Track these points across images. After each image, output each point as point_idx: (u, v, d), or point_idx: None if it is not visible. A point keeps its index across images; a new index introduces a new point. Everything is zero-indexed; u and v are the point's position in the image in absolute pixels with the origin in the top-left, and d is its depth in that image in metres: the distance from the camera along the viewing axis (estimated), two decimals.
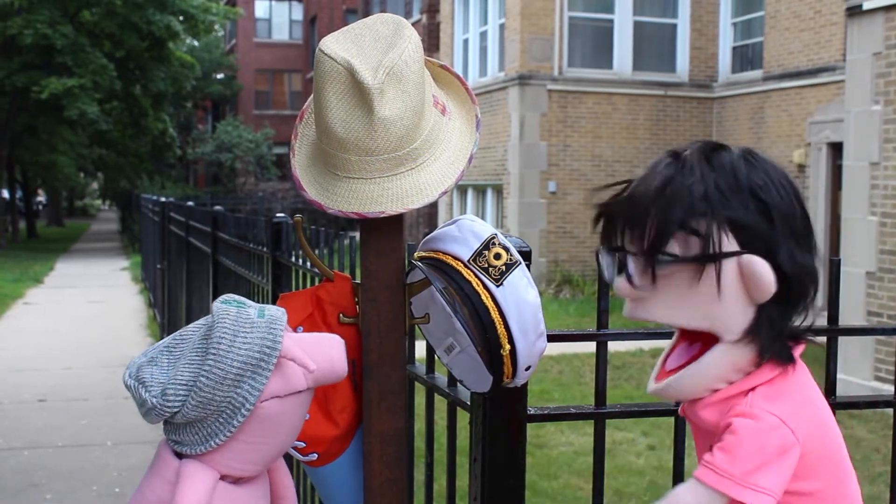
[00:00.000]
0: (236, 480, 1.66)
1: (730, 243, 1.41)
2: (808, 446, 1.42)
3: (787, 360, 1.46)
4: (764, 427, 1.39)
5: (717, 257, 1.40)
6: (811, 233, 1.48)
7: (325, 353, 1.64)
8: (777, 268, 1.41)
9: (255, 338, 1.55)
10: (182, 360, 1.57)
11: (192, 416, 1.55)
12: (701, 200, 1.41)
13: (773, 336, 1.45)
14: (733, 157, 1.46)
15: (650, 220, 1.43)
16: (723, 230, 1.41)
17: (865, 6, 8.59)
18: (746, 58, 16.99)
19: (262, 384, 1.54)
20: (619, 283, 1.48)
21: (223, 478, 1.63)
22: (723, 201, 1.41)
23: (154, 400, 1.54)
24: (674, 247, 1.42)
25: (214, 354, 1.53)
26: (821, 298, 1.57)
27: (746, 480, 1.36)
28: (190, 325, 1.65)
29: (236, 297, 1.66)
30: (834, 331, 2.14)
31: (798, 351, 1.50)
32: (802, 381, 1.49)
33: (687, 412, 1.54)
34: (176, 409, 1.55)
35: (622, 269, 1.50)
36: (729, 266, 1.41)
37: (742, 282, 1.42)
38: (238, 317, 1.58)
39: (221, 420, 1.56)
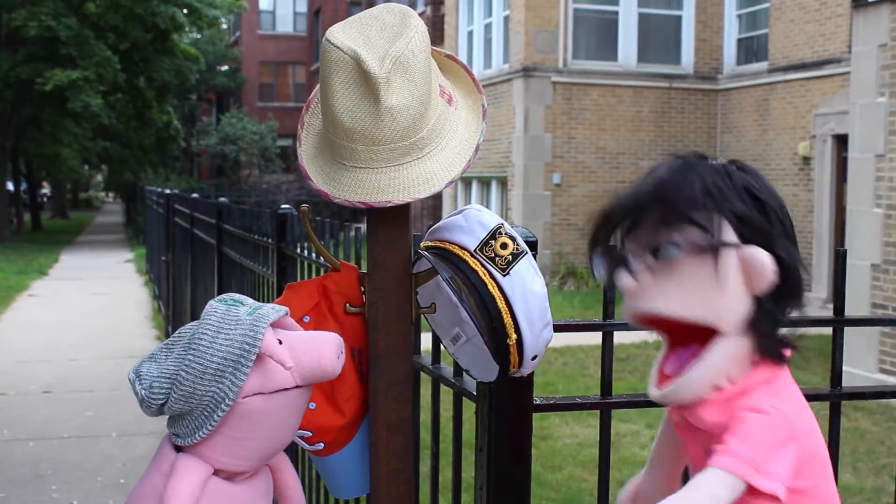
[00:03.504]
0: (232, 477, 1.68)
1: (731, 236, 1.46)
2: (806, 444, 1.46)
3: (779, 358, 1.51)
4: (773, 420, 1.42)
5: (720, 246, 1.45)
6: (795, 235, 1.55)
7: (313, 351, 1.65)
8: (775, 261, 1.47)
9: (237, 335, 1.59)
10: (171, 356, 1.64)
11: (177, 408, 1.62)
12: (702, 194, 1.46)
13: (770, 328, 1.50)
14: (723, 162, 1.53)
15: (654, 214, 1.48)
16: (724, 223, 1.46)
17: None
18: (751, 50, 16.96)
19: (241, 380, 1.58)
20: (624, 279, 1.51)
21: (218, 473, 1.67)
22: (723, 196, 1.46)
23: (143, 392, 1.61)
24: (677, 239, 1.47)
25: (195, 350, 1.59)
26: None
27: (761, 467, 1.38)
28: (188, 324, 1.70)
29: (235, 295, 1.70)
30: (840, 321, 2.14)
31: (786, 353, 1.54)
32: (793, 383, 1.55)
33: (686, 417, 1.54)
34: (161, 401, 1.62)
35: (616, 267, 1.53)
36: (730, 256, 1.46)
37: (743, 272, 1.46)
38: (225, 314, 1.63)
39: (206, 413, 1.60)
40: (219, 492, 1.66)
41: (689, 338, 1.52)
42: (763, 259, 1.45)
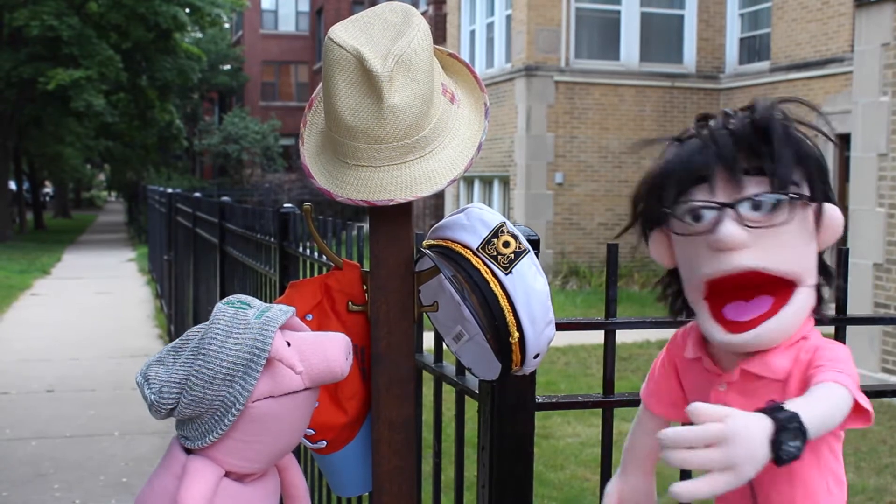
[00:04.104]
0: (241, 478, 1.69)
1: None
2: None
3: (823, 312, 1.59)
4: (844, 346, 1.50)
5: (823, 202, 1.52)
6: None
7: (321, 353, 1.65)
8: None
9: (247, 339, 1.59)
10: (180, 360, 1.64)
11: (187, 413, 1.62)
12: (806, 152, 1.51)
13: (828, 281, 1.58)
14: (789, 119, 1.56)
15: (762, 167, 1.47)
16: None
17: None
18: (754, 49, 16.94)
19: (251, 384, 1.58)
20: (734, 230, 1.45)
21: (227, 475, 1.67)
22: (818, 155, 1.53)
23: (152, 397, 1.61)
24: (766, 190, 1.48)
25: (204, 355, 1.59)
26: (827, 289, 1.61)
27: (856, 387, 1.41)
28: (196, 326, 1.70)
29: (242, 297, 1.70)
30: (842, 320, 2.14)
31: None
32: None
33: (748, 369, 1.52)
34: (171, 406, 1.62)
35: (718, 216, 1.47)
36: (811, 211, 1.51)
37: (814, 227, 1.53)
38: (234, 318, 1.62)
39: (217, 417, 1.60)
40: (229, 493, 1.67)
41: (750, 291, 1.51)
42: (840, 217, 1.53)
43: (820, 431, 1.29)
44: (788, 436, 1.21)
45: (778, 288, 1.49)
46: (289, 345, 1.64)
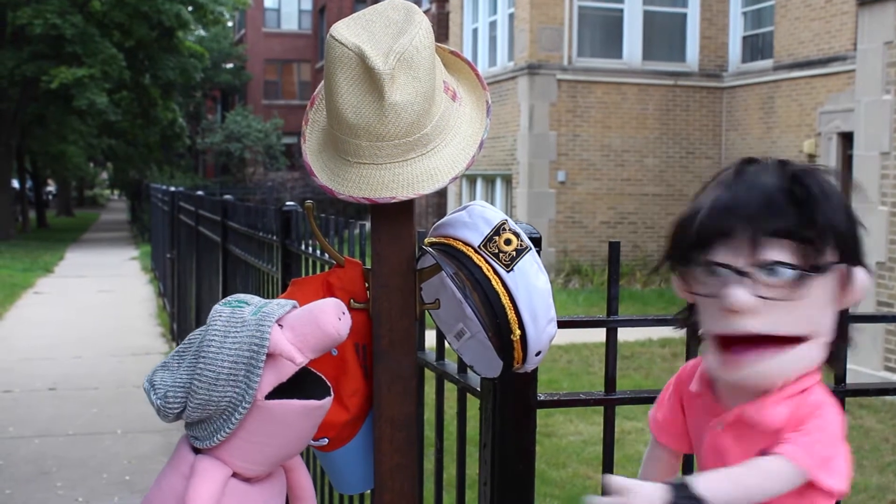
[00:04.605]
0: (248, 479, 1.70)
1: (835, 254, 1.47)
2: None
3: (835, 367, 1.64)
4: (839, 417, 1.48)
5: (852, 263, 1.48)
6: None
7: (312, 322, 1.65)
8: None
9: (244, 337, 1.60)
10: (184, 364, 1.65)
11: (195, 416, 1.63)
12: (843, 212, 1.47)
13: (843, 339, 1.56)
14: (829, 178, 1.50)
15: (795, 229, 1.43)
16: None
17: None
18: (756, 47, 16.93)
19: (255, 382, 1.59)
20: (742, 297, 1.43)
21: (235, 475, 1.68)
22: (849, 216, 1.48)
23: (158, 402, 1.63)
24: (788, 257, 1.44)
25: (204, 357, 1.60)
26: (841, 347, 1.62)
27: (828, 464, 1.42)
28: (198, 329, 1.71)
29: (240, 296, 1.71)
30: (844, 318, 2.13)
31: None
32: None
33: (742, 417, 1.51)
34: (178, 410, 1.63)
35: (730, 281, 1.45)
36: (836, 273, 1.48)
37: (841, 289, 1.50)
38: (230, 317, 1.64)
39: (224, 417, 1.62)
40: (237, 493, 1.68)
41: (758, 340, 1.48)
42: (867, 280, 1.49)
43: (737, 500, 1.37)
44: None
45: (786, 340, 1.47)
46: (284, 329, 1.64)
